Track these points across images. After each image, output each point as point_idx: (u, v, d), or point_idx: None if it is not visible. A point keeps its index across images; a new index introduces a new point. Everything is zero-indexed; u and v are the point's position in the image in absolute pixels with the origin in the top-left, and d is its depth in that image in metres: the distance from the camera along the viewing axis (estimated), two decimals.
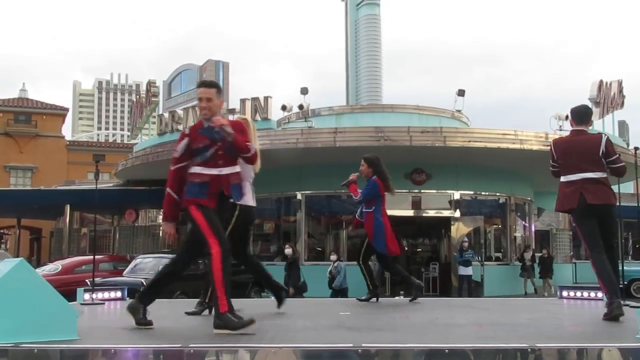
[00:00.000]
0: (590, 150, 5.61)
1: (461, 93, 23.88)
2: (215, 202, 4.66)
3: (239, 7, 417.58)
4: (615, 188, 5.85)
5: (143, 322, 4.70)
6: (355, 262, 7.77)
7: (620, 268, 6.37)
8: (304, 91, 21.32)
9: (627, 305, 6.39)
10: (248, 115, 19.86)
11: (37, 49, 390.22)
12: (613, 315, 5.05)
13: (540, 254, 21.72)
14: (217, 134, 4.61)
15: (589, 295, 7.12)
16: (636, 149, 8.96)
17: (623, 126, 29.05)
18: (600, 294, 7.05)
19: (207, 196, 4.63)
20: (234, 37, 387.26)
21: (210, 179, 4.66)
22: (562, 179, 5.66)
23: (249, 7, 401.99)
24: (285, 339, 4.29)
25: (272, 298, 6.03)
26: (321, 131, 18.83)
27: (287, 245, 16.66)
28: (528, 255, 20.81)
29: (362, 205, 7.87)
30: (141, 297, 4.87)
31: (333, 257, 16.29)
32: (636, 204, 9.83)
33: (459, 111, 24.27)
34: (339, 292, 15.24)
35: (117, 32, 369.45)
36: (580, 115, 5.82)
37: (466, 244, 18.41)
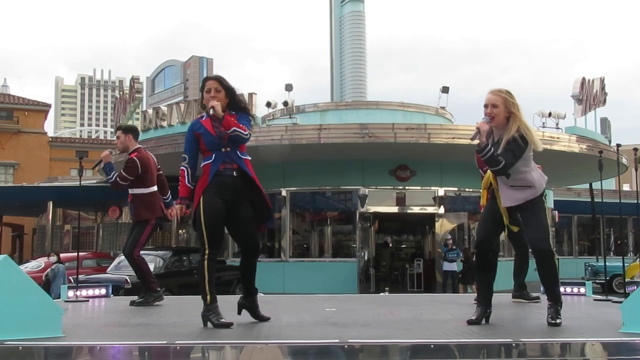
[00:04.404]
0: None
1: (445, 90, 23.99)
2: None
3: (226, 3, 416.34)
4: (597, 184, 5.94)
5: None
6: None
7: (602, 264, 6.41)
8: (289, 88, 21.33)
9: (610, 300, 6.46)
10: None
11: (20, 43, 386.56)
12: None
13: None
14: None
15: (572, 291, 7.18)
16: (618, 145, 9.04)
17: (605, 123, 29.35)
18: (583, 290, 7.12)
19: None
20: (221, 34, 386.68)
21: None
22: None
23: (237, 3, 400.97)
24: (271, 335, 4.29)
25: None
26: (306, 128, 18.84)
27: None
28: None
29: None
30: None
31: (52, 258, 14.30)
32: (617, 201, 9.92)
33: (443, 108, 24.38)
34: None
35: (102, 28, 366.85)
36: None
37: (450, 242, 18.43)
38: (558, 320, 4.56)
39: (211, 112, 4.64)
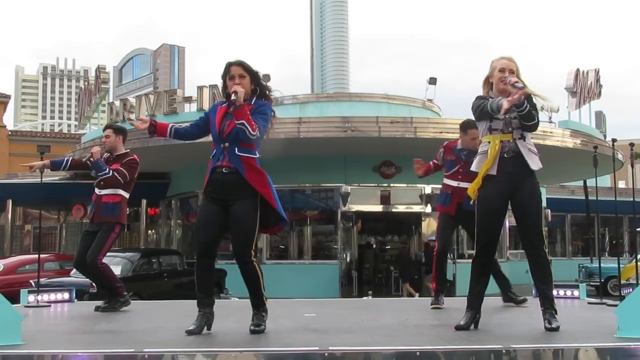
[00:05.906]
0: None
1: (432, 81, 24.01)
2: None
3: None
4: (592, 182, 6.01)
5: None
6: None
7: (597, 265, 6.46)
8: (266, 78, 21.23)
9: (604, 303, 6.52)
10: (206, 104, 19.73)
11: None
12: None
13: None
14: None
15: (565, 294, 7.24)
16: (614, 140, 9.12)
17: (600, 117, 29.57)
18: (576, 292, 7.18)
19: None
20: (195, 20, 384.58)
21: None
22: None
23: None
24: (246, 342, 4.28)
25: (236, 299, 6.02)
26: (284, 121, 18.76)
27: None
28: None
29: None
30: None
31: None
32: (613, 198, 10.01)
33: (430, 100, 24.42)
34: None
35: (67, 13, 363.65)
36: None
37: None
38: (555, 324, 4.58)
39: (233, 97, 4.52)
